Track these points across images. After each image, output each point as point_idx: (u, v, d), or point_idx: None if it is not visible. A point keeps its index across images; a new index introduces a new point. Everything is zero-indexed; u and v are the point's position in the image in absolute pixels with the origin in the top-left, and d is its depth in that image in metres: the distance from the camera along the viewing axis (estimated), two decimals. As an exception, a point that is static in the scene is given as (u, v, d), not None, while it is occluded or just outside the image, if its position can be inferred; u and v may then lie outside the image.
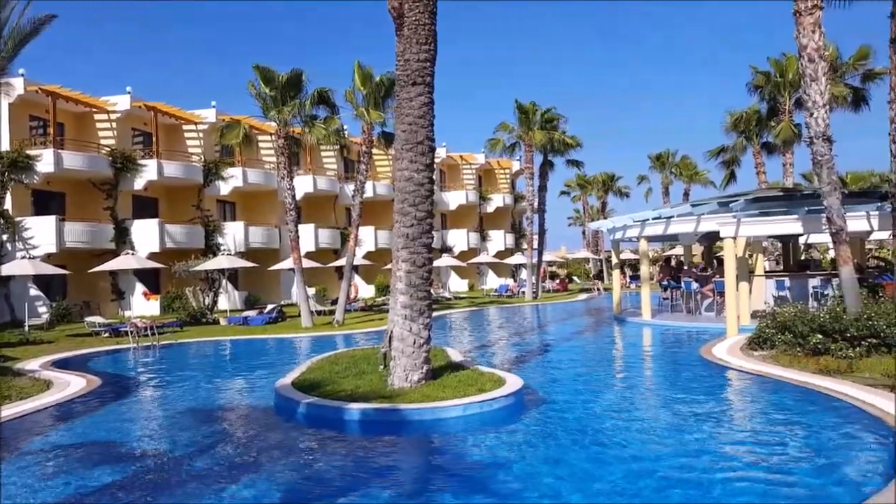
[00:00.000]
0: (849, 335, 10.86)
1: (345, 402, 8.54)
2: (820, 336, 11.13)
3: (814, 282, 18.37)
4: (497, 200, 49.51)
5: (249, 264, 26.02)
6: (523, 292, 35.10)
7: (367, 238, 36.70)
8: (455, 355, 12.36)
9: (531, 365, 13.13)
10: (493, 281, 45.22)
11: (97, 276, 25.04)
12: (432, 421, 8.13)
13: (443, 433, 7.90)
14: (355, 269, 34.72)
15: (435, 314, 25.26)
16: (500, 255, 46.35)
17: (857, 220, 15.10)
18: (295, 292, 24.58)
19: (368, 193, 35.70)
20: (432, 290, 29.81)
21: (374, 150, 25.51)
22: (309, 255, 29.59)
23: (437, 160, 47.09)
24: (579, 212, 62.40)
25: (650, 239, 21.62)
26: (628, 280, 42.82)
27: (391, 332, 9.69)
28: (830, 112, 13.02)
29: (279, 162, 21.43)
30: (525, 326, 22.35)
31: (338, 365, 11.37)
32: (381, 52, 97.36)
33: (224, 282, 26.68)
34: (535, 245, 35.70)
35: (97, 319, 20.12)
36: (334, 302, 24.88)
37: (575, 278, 52.50)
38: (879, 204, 15.93)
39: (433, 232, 9.88)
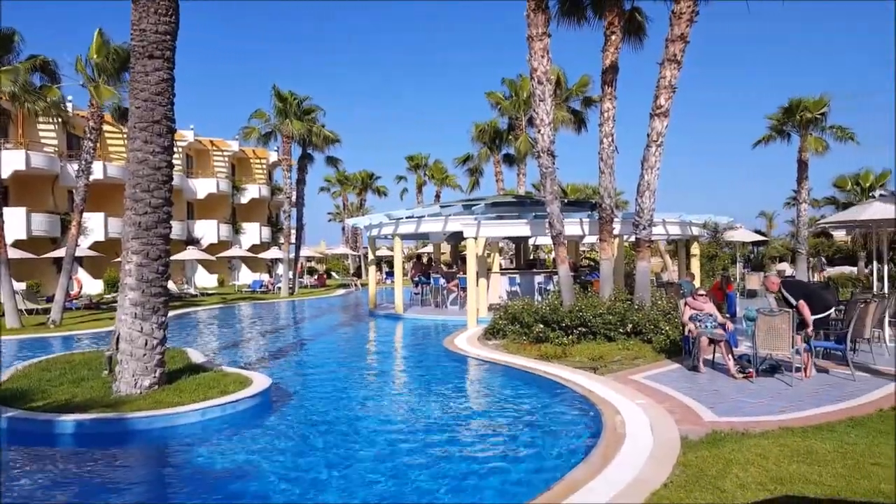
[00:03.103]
0: (564, 325, 12.49)
1: (56, 414, 7.33)
2: (542, 326, 12.64)
3: (539, 278, 20.85)
4: (252, 191, 47.25)
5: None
6: (279, 288, 34.06)
7: (96, 226, 32.29)
8: (197, 356, 11.42)
9: (283, 362, 12.71)
10: (246, 276, 43.11)
11: None
12: (166, 429, 7.38)
13: (178, 441, 7.20)
14: (79, 261, 30.38)
15: (179, 312, 23.35)
16: (254, 248, 44.38)
17: (573, 226, 17.44)
18: (-4, 288, 20.48)
19: (97, 175, 31.47)
20: (174, 286, 27.23)
21: (108, 128, 22.46)
22: (19, 244, 25.03)
23: (182, 144, 43.40)
24: (339, 207, 62.69)
25: (404, 237, 22.50)
26: (384, 276, 44.18)
27: (118, 332, 8.57)
28: (556, 131, 14.87)
29: (-23, 132, 17.57)
30: (279, 323, 21.65)
31: (50, 371, 9.77)
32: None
33: None
34: (293, 239, 34.89)
35: None
36: (50, 299, 21.33)
37: (334, 274, 52.61)
38: (590, 212, 18.67)
39: (173, 221, 8.96)
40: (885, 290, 13.55)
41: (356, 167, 60.67)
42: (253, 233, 46.53)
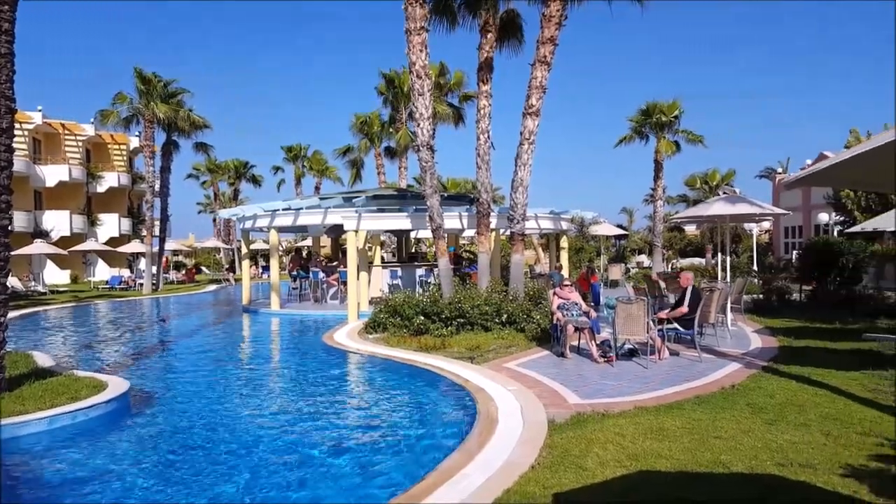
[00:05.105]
0: (444, 316, 12.70)
1: None
2: (422, 318, 12.77)
3: (420, 271, 21.05)
4: (111, 179, 43.61)
5: None
6: (141, 284, 31.79)
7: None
8: (44, 360, 10.41)
9: (144, 364, 11.88)
10: (103, 272, 39.81)
11: None
12: (7, 441, 6.63)
13: (20, 454, 6.50)
14: None
15: (25, 311, 21.19)
16: (113, 242, 40.99)
17: (453, 220, 17.78)
18: None
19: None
20: (18, 283, 24.56)
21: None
22: None
23: (28, 126, 39.34)
24: (210, 198, 59.48)
25: (281, 230, 21.80)
26: (261, 270, 42.56)
27: (-54, 336, 7.61)
28: (436, 125, 15.02)
29: None
30: (140, 322, 20.22)
31: None
32: None
33: None
34: (157, 232, 32.68)
35: None
36: None
37: (204, 269, 49.91)
38: (468, 207, 19.11)
39: (16, 212, 8.07)
40: (728, 278, 15.04)
41: (228, 154, 57.96)
42: (111, 225, 43.01)
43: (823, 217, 26.24)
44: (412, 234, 26.95)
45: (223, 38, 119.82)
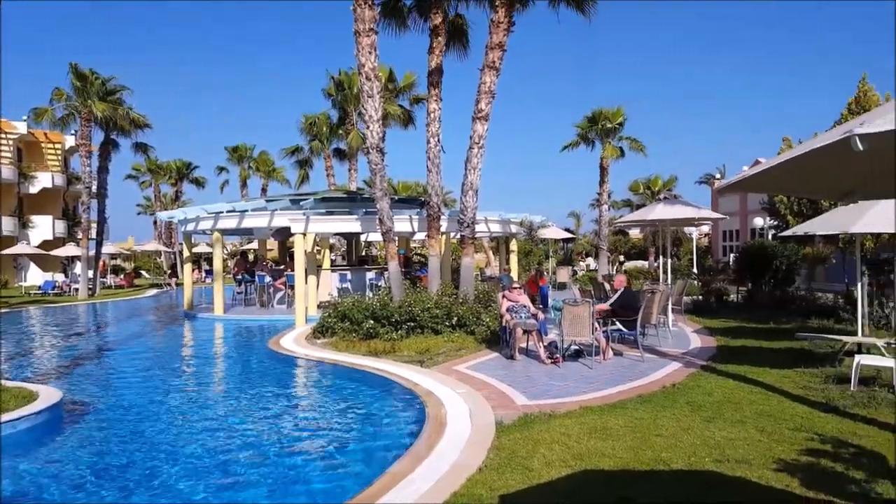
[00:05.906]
0: (394, 320, 12.59)
1: None
2: (372, 322, 12.64)
3: (370, 274, 20.88)
4: (44, 180, 41.65)
5: None
6: (76, 289, 30.45)
7: None
8: (-32, 370, 9.82)
9: (79, 373, 11.37)
10: (36, 276, 37.99)
11: None
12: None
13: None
14: None
15: (-56, 319, 19.88)
16: (46, 245, 39.15)
17: (403, 223, 17.69)
18: None
19: None
20: (-61, 289, 22.87)
21: None
22: None
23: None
24: (151, 199, 57.45)
25: (225, 232, 21.24)
26: (204, 274, 41.39)
27: None
28: (386, 127, 14.94)
29: None
30: (75, 329, 19.34)
31: None
32: None
33: None
34: (94, 234, 31.40)
35: None
36: None
37: (144, 273, 48.21)
38: (419, 210, 19.08)
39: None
40: (669, 280, 15.48)
41: (170, 154, 56.15)
42: (45, 227, 41.07)
43: (759, 221, 27.36)
44: (362, 237, 26.71)
45: (224, 38, 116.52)
